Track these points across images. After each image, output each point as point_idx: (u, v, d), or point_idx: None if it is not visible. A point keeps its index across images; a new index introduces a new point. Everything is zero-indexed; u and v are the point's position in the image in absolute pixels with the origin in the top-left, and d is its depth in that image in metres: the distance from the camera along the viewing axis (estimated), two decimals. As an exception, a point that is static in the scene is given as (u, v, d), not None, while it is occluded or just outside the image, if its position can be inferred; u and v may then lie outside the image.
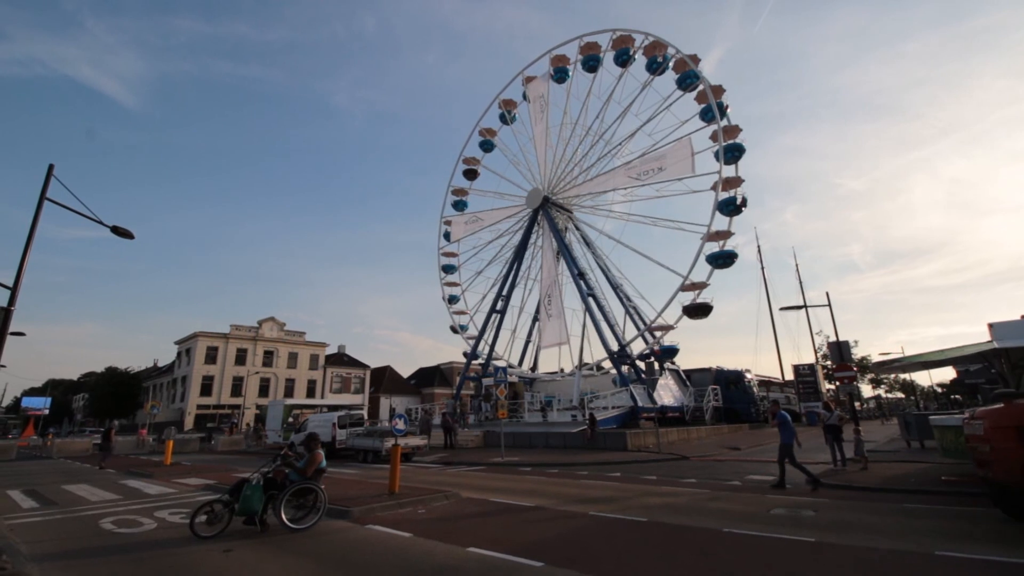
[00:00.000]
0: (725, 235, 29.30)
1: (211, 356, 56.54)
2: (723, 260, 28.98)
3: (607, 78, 37.09)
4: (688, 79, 32.01)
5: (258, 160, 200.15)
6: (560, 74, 39.30)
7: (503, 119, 43.25)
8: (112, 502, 11.34)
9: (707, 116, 31.08)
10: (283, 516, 7.52)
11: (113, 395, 63.47)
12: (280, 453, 8.44)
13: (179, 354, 60.80)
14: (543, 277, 38.81)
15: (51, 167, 9.94)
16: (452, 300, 44.61)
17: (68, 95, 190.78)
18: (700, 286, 29.50)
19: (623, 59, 35.16)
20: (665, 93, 33.67)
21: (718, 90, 30.93)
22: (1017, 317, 11.96)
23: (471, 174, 45.17)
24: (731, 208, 28.88)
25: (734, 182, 29.43)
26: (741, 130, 30.36)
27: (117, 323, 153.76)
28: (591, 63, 36.93)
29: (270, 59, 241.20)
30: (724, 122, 30.38)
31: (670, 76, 33.20)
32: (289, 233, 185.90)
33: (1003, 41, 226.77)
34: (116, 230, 11.11)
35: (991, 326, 10.86)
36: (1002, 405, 6.83)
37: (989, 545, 5.77)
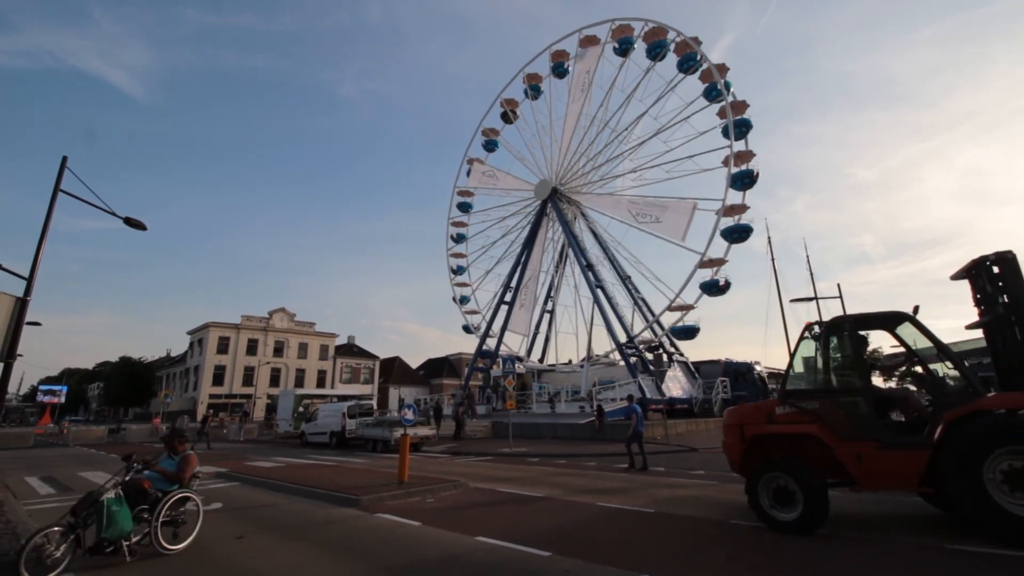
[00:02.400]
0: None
1: (223, 346, 57.19)
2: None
3: (609, 68, 36.92)
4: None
5: (265, 151, 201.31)
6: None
7: (555, 70, 40.92)
8: (127, 489, 11.53)
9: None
10: (160, 537, 5.87)
11: (127, 384, 64.57)
12: (133, 458, 6.25)
13: (191, 344, 61.59)
14: (530, 266, 39.00)
15: (64, 159, 10.03)
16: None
17: (77, 86, 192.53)
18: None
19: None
20: (670, 78, 33.58)
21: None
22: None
23: (507, 117, 44.14)
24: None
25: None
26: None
27: (130, 313, 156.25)
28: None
29: (276, 49, 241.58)
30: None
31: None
32: (297, 224, 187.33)
33: (1017, 27, 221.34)
34: (129, 221, 11.21)
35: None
36: (736, 406, 8.04)
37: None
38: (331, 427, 24.13)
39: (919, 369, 7.02)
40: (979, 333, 6.98)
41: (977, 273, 6.51)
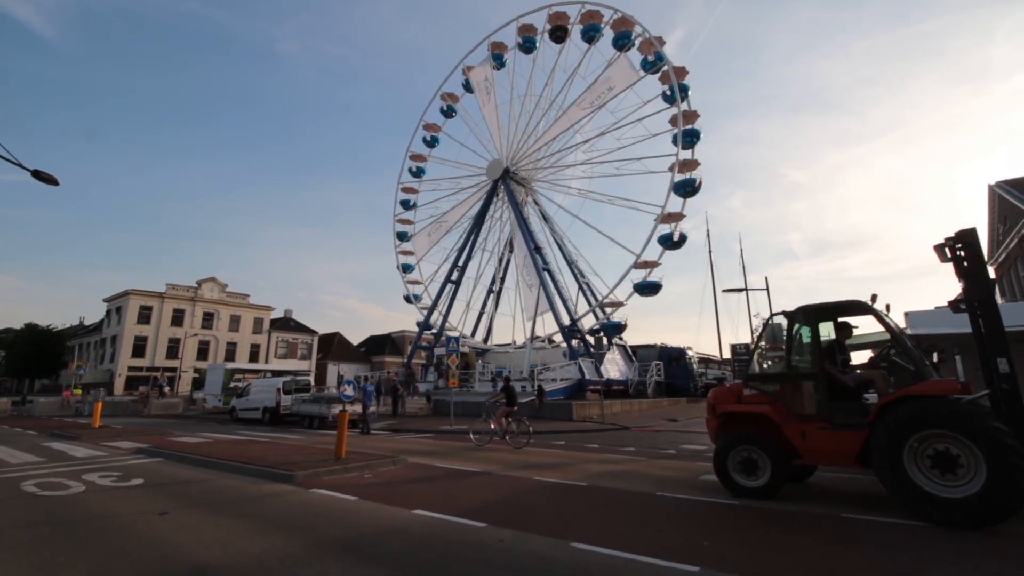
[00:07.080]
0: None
1: (144, 316, 53.56)
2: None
3: (573, 52, 36.90)
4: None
5: (196, 109, 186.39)
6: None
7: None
8: (34, 464, 10.73)
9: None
10: None
11: (34, 353, 59.16)
12: None
13: (108, 312, 57.22)
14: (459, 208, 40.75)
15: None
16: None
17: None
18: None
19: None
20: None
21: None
22: (931, 308, 13.04)
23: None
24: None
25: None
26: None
27: (38, 277, 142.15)
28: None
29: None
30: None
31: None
32: (229, 191, 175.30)
33: (941, 47, 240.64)
34: (38, 175, 10.21)
35: (907, 315, 11.86)
36: (716, 388, 8.71)
37: (887, 511, 6.40)
38: (264, 403, 23.34)
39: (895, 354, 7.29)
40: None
41: (953, 251, 6.57)
